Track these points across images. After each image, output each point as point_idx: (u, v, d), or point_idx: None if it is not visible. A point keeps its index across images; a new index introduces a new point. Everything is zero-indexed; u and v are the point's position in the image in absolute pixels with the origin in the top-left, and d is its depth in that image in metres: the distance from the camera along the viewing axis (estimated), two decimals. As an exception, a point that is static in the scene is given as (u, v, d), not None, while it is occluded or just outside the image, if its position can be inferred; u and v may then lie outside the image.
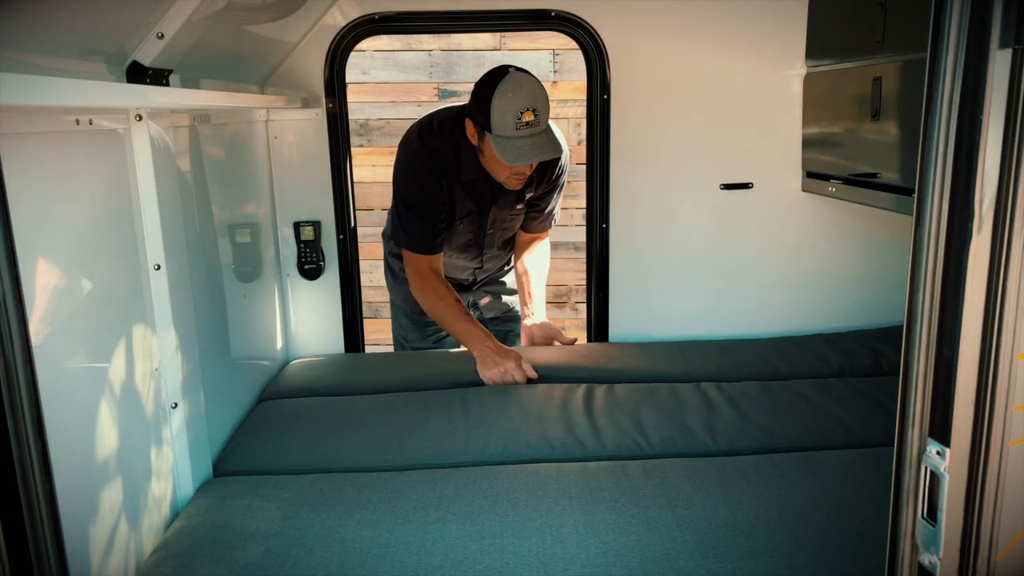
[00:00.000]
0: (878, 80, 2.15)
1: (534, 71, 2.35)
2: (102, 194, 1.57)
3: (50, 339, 1.34)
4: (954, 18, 0.81)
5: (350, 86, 4.34)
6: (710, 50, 2.75)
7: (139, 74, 1.64)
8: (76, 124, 1.44)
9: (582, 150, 2.65)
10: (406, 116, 4.67)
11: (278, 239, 2.82)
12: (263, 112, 2.67)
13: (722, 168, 2.84)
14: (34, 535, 0.96)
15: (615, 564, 1.55)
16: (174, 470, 1.82)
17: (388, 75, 4.72)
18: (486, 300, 3.01)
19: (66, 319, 1.40)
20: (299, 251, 2.84)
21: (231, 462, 2.03)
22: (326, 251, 2.85)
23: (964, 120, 0.82)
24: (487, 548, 1.60)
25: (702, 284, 2.94)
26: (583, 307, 4.54)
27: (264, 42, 2.46)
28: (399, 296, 2.93)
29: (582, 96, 2.82)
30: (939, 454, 0.88)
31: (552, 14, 2.68)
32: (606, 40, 2.70)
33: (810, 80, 2.69)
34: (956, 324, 0.85)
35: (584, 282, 3.24)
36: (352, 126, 3.92)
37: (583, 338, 3.00)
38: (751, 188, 2.84)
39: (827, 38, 2.58)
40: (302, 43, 2.67)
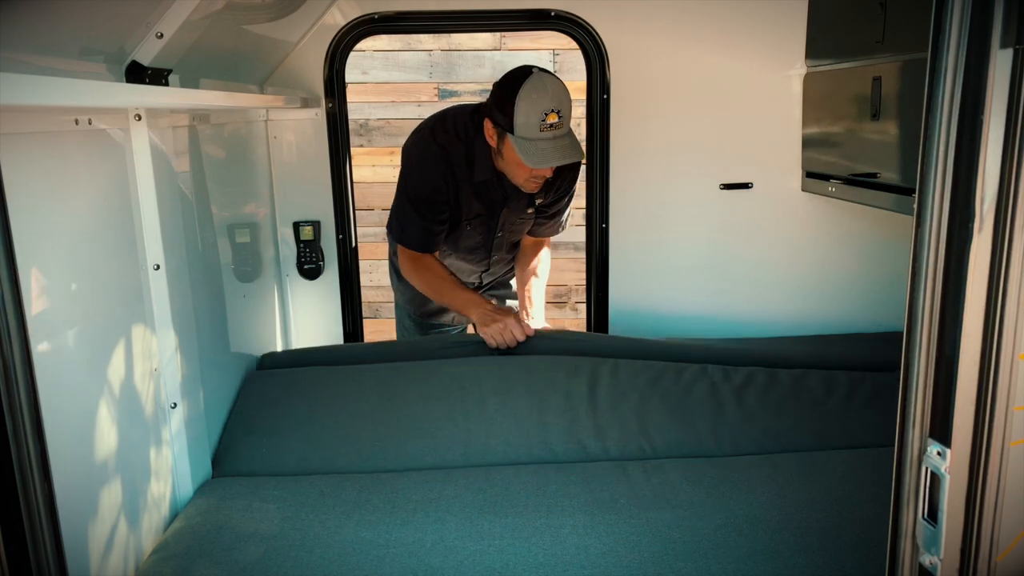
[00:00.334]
0: (878, 80, 2.15)
1: (533, 71, 2.33)
2: (101, 194, 1.56)
3: (49, 339, 1.33)
4: (955, 18, 0.81)
5: (350, 86, 4.34)
6: (710, 50, 2.75)
7: (138, 74, 1.64)
8: (75, 124, 1.44)
9: (582, 150, 2.64)
10: (406, 116, 4.67)
11: (278, 239, 2.82)
12: (263, 112, 2.67)
13: (722, 168, 2.84)
14: (33, 536, 0.96)
15: (615, 565, 1.54)
16: (173, 470, 1.82)
17: (388, 75, 4.72)
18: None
19: (65, 319, 1.40)
20: (299, 251, 2.84)
21: (231, 444, 2.04)
22: (326, 251, 2.85)
23: (965, 120, 0.82)
24: (486, 549, 1.60)
25: (701, 284, 2.94)
26: (583, 307, 4.53)
27: (264, 42, 2.46)
28: (404, 297, 2.92)
29: (582, 96, 2.81)
30: (940, 454, 0.88)
31: (552, 14, 2.68)
32: (606, 40, 2.70)
33: (810, 80, 2.69)
34: (957, 324, 0.85)
35: (584, 282, 3.24)
36: (352, 126, 3.92)
37: (583, 338, 3.00)
38: (751, 188, 2.84)
39: (827, 38, 2.58)
40: (302, 43, 2.67)
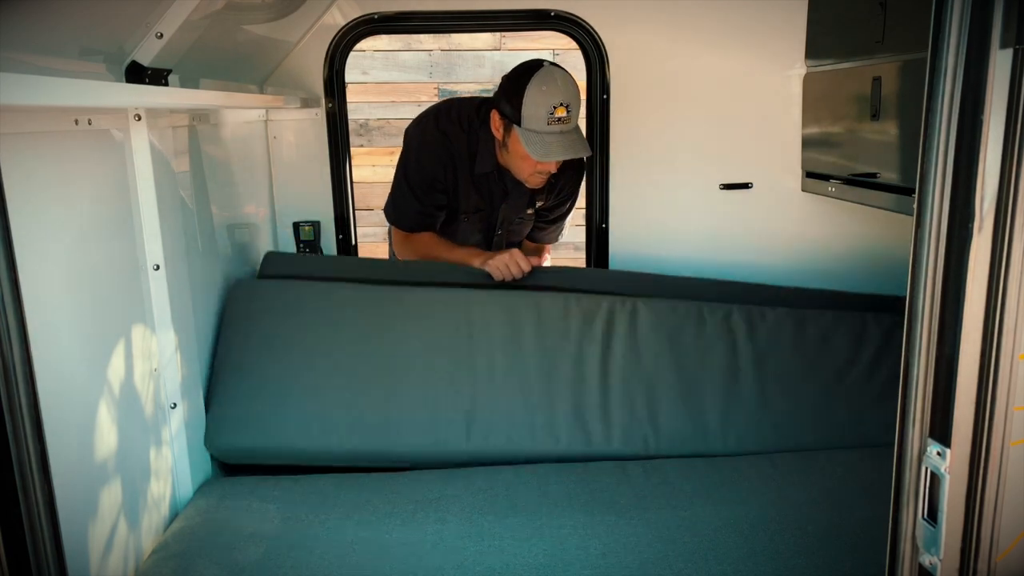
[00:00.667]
0: (878, 80, 2.15)
1: (533, 71, 2.33)
2: (102, 194, 1.56)
3: (49, 339, 1.33)
4: (955, 18, 0.81)
5: (350, 86, 4.34)
6: (710, 50, 2.74)
7: (138, 74, 1.64)
8: (75, 124, 1.44)
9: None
10: (406, 116, 4.67)
11: (277, 239, 2.82)
12: (262, 112, 2.67)
13: (722, 168, 2.83)
14: (33, 536, 0.95)
15: (615, 565, 1.54)
16: (173, 470, 1.82)
17: (388, 75, 4.72)
18: None
19: (65, 319, 1.40)
20: (299, 251, 2.84)
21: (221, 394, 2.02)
22: (326, 251, 2.85)
23: (965, 120, 0.82)
24: (487, 549, 1.60)
25: (701, 284, 2.93)
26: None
27: (263, 42, 2.46)
28: None
29: (582, 96, 2.81)
30: (939, 454, 0.88)
31: (552, 14, 2.67)
32: (606, 40, 2.70)
33: (810, 80, 2.69)
34: (956, 324, 0.85)
35: (584, 282, 3.23)
36: (352, 126, 3.92)
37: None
38: (751, 188, 2.84)
39: (827, 38, 2.58)
40: (301, 43, 2.67)
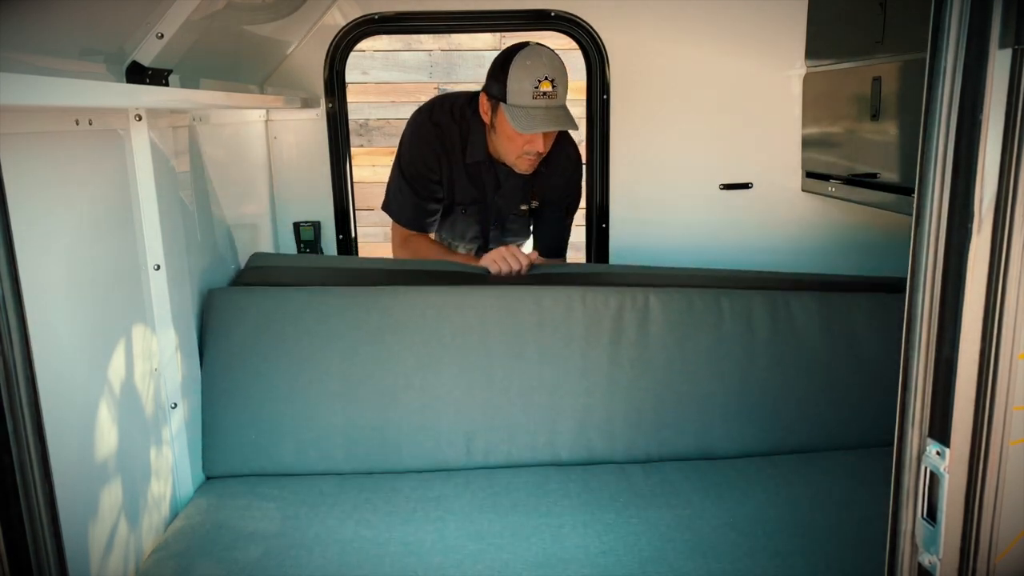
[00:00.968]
0: (878, 80, 2.15)
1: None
2: (102, 194, 1.56)
3: (50, 339, 1.33)
4: (954, 18, 0.81)
5: (350, 86, 4.34)
6: (710, 50, 2.75)
7: (139, 74, 1.64)
8: (76, 124, 1.44)
9: (582, 150, 2.64)
10: (406, 116, 4.64)
11: (278, 239, 2.82)
12: (263, 112, 2.67)
13: (722, 168, 2.84)
14: (33, 535, 0.96)
15: (614, 564, 1.55)
16: (173, 470, 1.82)
17: (388, 75, 4.72)
18: None
19: (65, 319, 1.40)
20: (299, 251, 2.84)
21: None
22: (326, 251, 2.85)
23: (964, 120, 0.82)
24: (486, 548, 1.60)
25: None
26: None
27: (264, 42, 2.46)
28: None
29: (582, 96, 2.81)
30: (939, 454, 0.88)
31: (552, 14, 2.68)
32: (606, 40, 2.70)
33: (810, 80, 2.69)
34: (956, 324, 0.85)
35: (584, 282, 3.23)
36: (352, 126, 3.92)
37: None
38: (751, 188, 2.84)
39: (827, 38, 2.58)
40: (302, 43, 2.67)
